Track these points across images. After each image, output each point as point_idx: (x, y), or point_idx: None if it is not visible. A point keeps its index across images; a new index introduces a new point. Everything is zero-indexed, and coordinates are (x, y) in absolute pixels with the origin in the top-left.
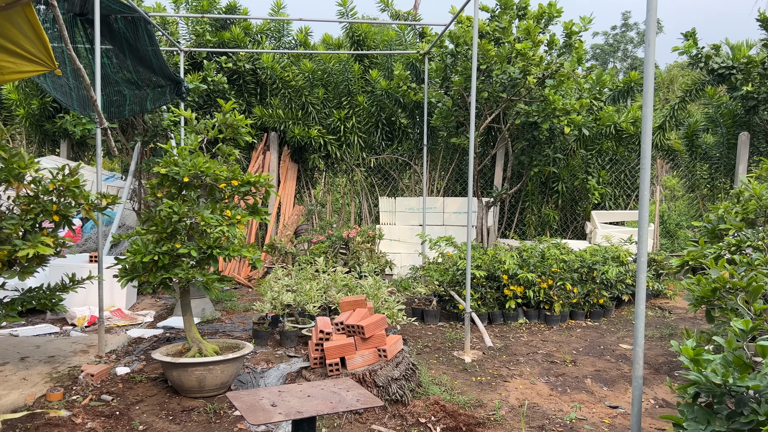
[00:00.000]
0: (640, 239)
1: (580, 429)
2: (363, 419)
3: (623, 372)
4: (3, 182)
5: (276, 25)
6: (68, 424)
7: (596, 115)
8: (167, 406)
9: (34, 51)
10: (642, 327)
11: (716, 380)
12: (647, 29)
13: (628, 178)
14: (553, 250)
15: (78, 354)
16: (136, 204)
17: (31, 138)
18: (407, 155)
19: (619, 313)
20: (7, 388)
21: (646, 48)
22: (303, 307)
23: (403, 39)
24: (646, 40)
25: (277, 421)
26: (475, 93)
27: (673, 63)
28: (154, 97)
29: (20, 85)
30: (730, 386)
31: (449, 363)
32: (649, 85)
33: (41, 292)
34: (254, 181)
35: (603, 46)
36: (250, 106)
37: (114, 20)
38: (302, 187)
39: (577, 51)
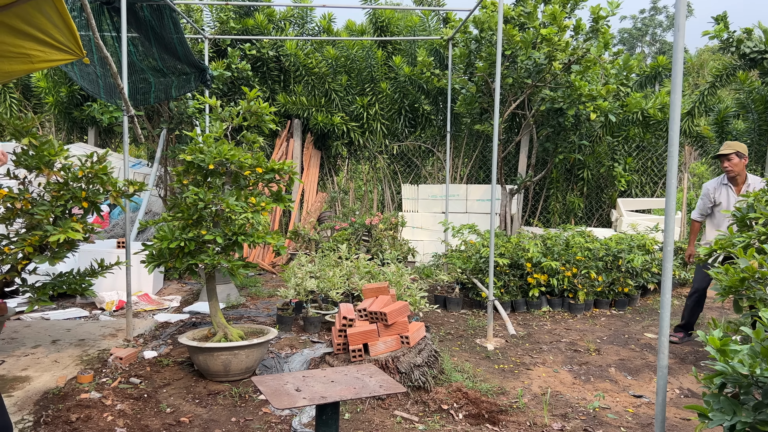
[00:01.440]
0: (666, 228)
1: (603, 418)
2: (385, 405)
3: (648, 361)
4: (34, 169)
5: (299, 12)
6: (99, 405)
7: (623, 101)
8: (193, 390)
9: (62, 40)
10: (668, 316)
11: (743, 371)
12: (677, 14)
13: (655, 165)
14: (577, 238)
15: (107, 338)
16: (162, 190)
17: (60, 125)
18: (430, 142)
19: (645, 301)
20: (39, 369)
21: (676, 33)
22: (326, 293)
23: (427, 25)
24: (676, 25)
25: (302, 405)
26: (499, 79)
27: (704, 47)
28: (179, 85)
29: (49, 73)
30: (757, 377)
31: (471, 350)
32: (678, 71)
33: (71, 277)
34: (278, 168)
35: (631, 30)
36: (274, 93)
37: (140, 8)
38: (325, 174)
39: (604, 36)
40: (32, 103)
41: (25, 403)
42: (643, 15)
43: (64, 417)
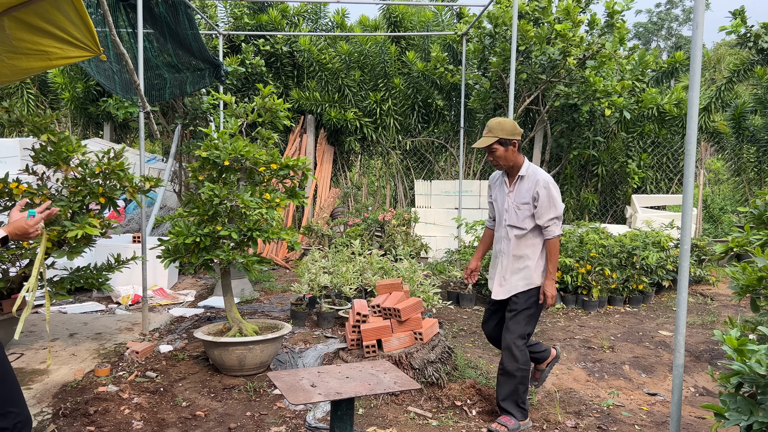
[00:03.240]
0: (683, 226)
1: (617, 415)
2: (399, 401)
3: (662, 359)
4: (52, 165)
5: (313, 7)
6: (116, 398)
7: (638, 97)
8: (209, 384)
9: (80, 37)
10: (684, 315)
11: (761, 371)
12: (695, 11)
13: (670, 162)
14: (591, 234)
15: (123, 331)
16: (177, 186)
17: (76, 121)
18: (443, 138)
19: (659, 299)
20: (57, 363)
21: (694, 30)
22: (339, 288)
23: (440, 20)
24: (694, 21)
25: (317, 401)
26: (514, 74)
27: (720, 41)
28: (194, 80)
29: (65, 70)
30: None
31: (485, 347)
32: (696, 68)
33: (88, 272)
34: (292, 164)
35: (646, 24)
36: (287, 88)
37: (155, 4)
38: (338, 169)
39: (619, 31)
40: (49, 99)
41: (44, 395)
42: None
43: (82, 410)
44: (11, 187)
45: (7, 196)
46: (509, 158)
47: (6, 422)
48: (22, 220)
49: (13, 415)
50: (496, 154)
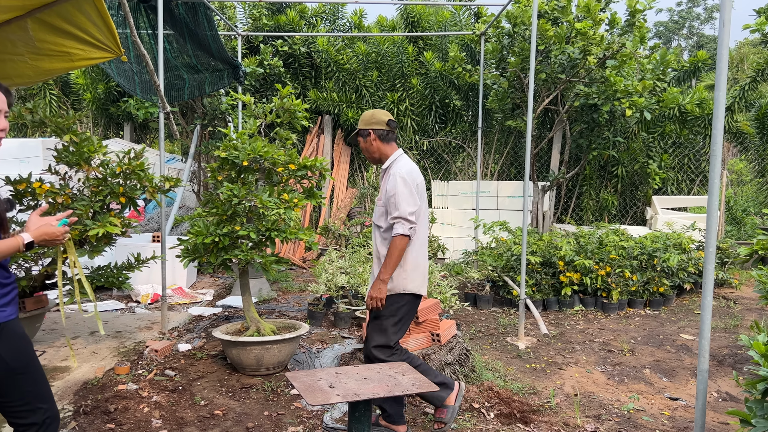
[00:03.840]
0: (709, 227)
1: (638, 420)
2: (416, 402)
3: (684, 363)
4: (74, 165)
5: (331, 8)
6: (135, 396)
7: (659, 97)
8: (227, 383)
9: (101, 38)
10: (709, 319)
11: None
12: (722, 9)
13: (692, 162)
14: (611, 236)
15: (142, 330)
16: (196, 186)
17: (97, 121)
18: (461, 138)
19: (680, 302)
20: (78, 360)
21: (720, 29)
22: (356, 289)
23: (458, 20)
24: (720, 20)
25: (335, 402)
26: (533, 74)
27: (743, 40)
28: (212, 81)
29: (87, 71)
30: None
31: (503, 349)
32: (723, 67)
33: (109, 271)
34: (310, 165)
35: (667, 23)
36: (305, 89)
37: (175, 5)
38: (355, 170)
39: (640, 30)
40: (71, 100)
41: (65, 392)
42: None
43: (103, 407)
44: (34, 187)
45: (30, 196)
46: (371, 150)
47: (36, 418)
48: (51, 226)
49: (42, 411)
50: (360, 146)
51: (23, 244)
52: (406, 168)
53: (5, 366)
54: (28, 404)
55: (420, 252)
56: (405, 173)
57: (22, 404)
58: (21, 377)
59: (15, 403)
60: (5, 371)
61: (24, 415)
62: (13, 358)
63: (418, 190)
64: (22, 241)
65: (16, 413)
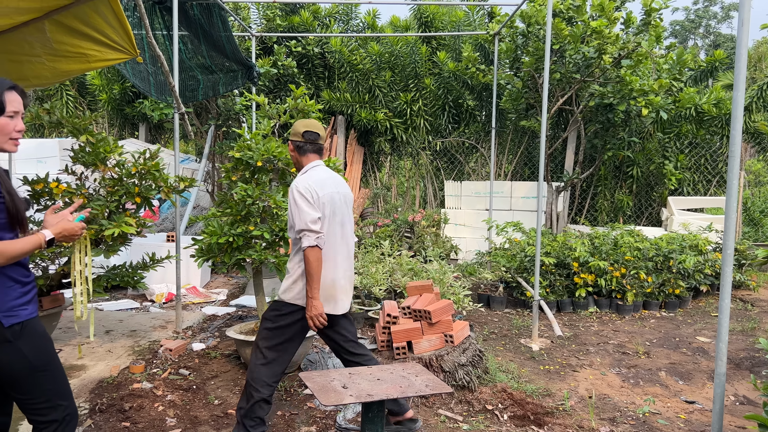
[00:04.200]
0: (726, 229)
1: (653, 423)
2: (429, 403)
3: (700, 366)
4: (90, 165)
5: (344, 8)
6: (150, 395)
7: (676, 97)
8: (240, 382)
9: (117, 39)
10: (726, 322)
11: None
12: (741, 8)
13: (708, 163)
14: (626, 237)
15: (157, 329)
16: (210, 186)
17: (113, 121)
18: (474, 138)
19: (697, 304)
20: (94, 359)
21: (739, 28)
22: (369, 289)
23: (472, 19)
24: (740, 19)
25: (348, 403)
26: (548, 74)
27: (761, 39)
28: (227, 82)
29: (103, 72)
30: None
31: (516, 350)
32: (741, 68)
33: (124, 270)
34: None
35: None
36: (318, 90)
37: (190, 6)
38: (368, 170)
39: (656, 29)
40: (87, 100)
41: (81, 390)
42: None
43: (118, 405)
44: (51, 187)
45: (47, 195)
46: (292, 159)
47: (56, 414)
48: (69, 222)
49: (62, 408)
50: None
51: (45, 241)
52: (305, 182)
53: (27, 364)
54: (49, 401)
55: (327, 267)
56: (302, 187)
57: (43, 401)
58: (42, 375)
59: (36, 401)
60: (27, 369)
61: (45, 412)
62: (34, 356)
63: (321, 201)
64: (44, 238)
65: (37, 410)
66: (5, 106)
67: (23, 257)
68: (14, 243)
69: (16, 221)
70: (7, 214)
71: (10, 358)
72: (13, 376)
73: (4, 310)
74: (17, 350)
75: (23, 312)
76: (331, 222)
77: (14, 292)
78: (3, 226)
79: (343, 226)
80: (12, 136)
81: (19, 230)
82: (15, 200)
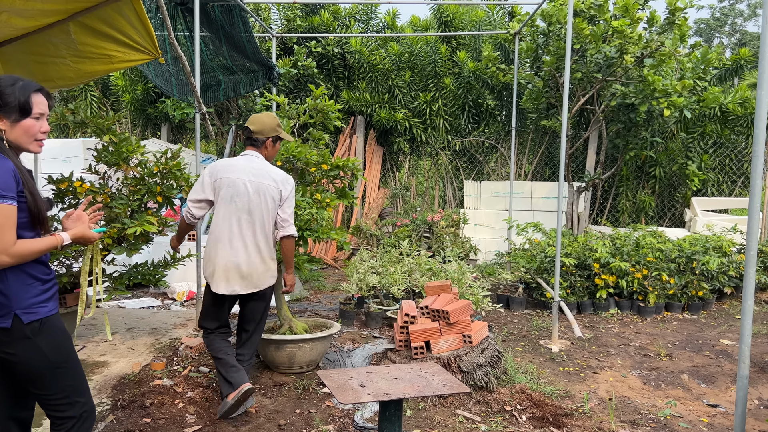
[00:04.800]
0: (750, 230)
1: (675, 427)
2: (447, 403)
3: (724, 369)
4: (113, 165)
5: (364, 9)
6: (171, 392)
7: (699, 96)
8: (259, 381)
9: (140, 41)
10: (749, 324)
11: None
12: (765, 5)
13: (733, 163)
14: (648, 238)
15: (177, 327)
16: None
17: (135, 122)
18: (494, 138)
19: (720, 306)
20: (116, 356)
21: (763, 26)
22: (388, 289)
23: (492, 19)
24: (763, 17)
25: (366, 401)
26: (569, 74)
27: None
28: (247, 82)
29: (125, 72)
30: None
31: (535, 352)
32: (766, 66)
33: (146, 268)
34: (343, 165)
35: (708, 20)
36: (338, 90)
37: (211, 8)
38: (387, 170)
39: (680, 28)
40: (110, 101)
41: (104, 387)
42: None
43: (139, 402)
44: (75, 186)
45: (71, 194)
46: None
47: (74, 411)
48: (87, 231)
49: (80, 405)
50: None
51: (62, 244)
52: (215, 164)
53: (46, 360)
54: (67, 398)
55: (213, 247)
56: (208, 168)
57: (61, 398)
58: (61, 371)
59: (55, 397)
60: (46, 365)
61: (63, 409)
62: (53, 352)
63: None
64: (62, 240)
65: (55, 406)
66: (32, 108)
67: (39, 256)
68: (32, 243)
69: (37, 221)
70: (28, 213)
71: (29, 354)
72: (32, 372)
73: (24, 307)
74: (36, 347)
75: (42, 309)
76: (227, 205)
77: (34, 289)
78: (24, 225)
79: (249, 213)
80: (37, 137)
81: (40, 230)
82: (37, 201)
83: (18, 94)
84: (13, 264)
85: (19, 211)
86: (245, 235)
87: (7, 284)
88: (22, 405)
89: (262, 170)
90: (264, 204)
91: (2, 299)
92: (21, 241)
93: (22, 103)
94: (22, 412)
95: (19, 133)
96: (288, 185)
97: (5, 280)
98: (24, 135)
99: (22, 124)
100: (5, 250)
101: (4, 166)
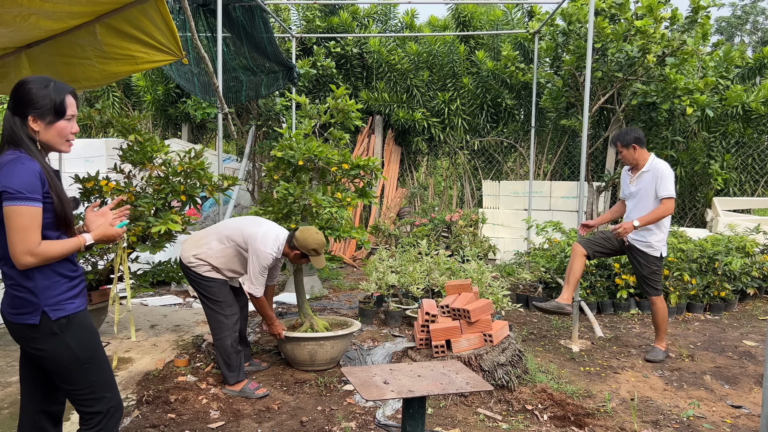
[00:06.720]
0: None
1: (698, 427)
2: (468, 402)
3: (747, 370)
4: (138, 164)
5: (382, 9)
6: (194, 388)
7: (722, 95)
8: (281, 378)
9: (164, 41)
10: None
11: None
12: None
13: (756, 163)
14: (669, 238)
15: (200, 324)
16: (250, 185)
17: (156, 122)
18: (513, 138)
19: (743, 307)
20: (140, 352)
21: None
22: (407, 288)
23: (510, 18)
24: None
25: (390, 398)
26: (589, 72)
27: None
28: (268, 83)
29: (147, 73)
30: None
31: (556, 351)
32: None
33: (169, 266)
34: (363, 164)
35: (729, 18)
36: (357, 90)
37: (233, 9)
38: (405, 170)
39: (703, 27)
40: (132, 101)
41: (129, 383)
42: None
43: (164, 398)
44: (101, 185)
45: (97, 193)
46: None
47: (101, 406)
48: (110, 229)
49: (107, 400)
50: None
51: (84, 245)
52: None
53: (73, 355)
54: (94, 392)
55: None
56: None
57: (88, 393)
58: (87, 367)
59: (82, 392)
60: (73, 360)
61: (90, 404)
62: (80, 348)
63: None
64: (84, 242)
65: (83, 401)
66: (66, 109)
67: (62, 257)
68: (56, 244)
69: (63, 223)
70: (53, 214)
71: (57, 350)
72: (60, 368)
73: (52, 304)
74: (63, 343)
75: (70, 306)
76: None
77: (61, 286)
78: (49, 225)
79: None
80: (68, 138)
81: (65, 230)
82: (63, 202)
83: (54, 96)
84: (37, 264)
85: (44, 211)
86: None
87: (35, 281)
88: (52, 399)
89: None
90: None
91: (30, 296)
92: (45, 243)
93: (57, 105)
94: (52, 406)
95: (53, 134)
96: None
97: (33, 278)
98: (57, 136)
99: (57, 125)
100: (30, 251)
101: (30, 167)
